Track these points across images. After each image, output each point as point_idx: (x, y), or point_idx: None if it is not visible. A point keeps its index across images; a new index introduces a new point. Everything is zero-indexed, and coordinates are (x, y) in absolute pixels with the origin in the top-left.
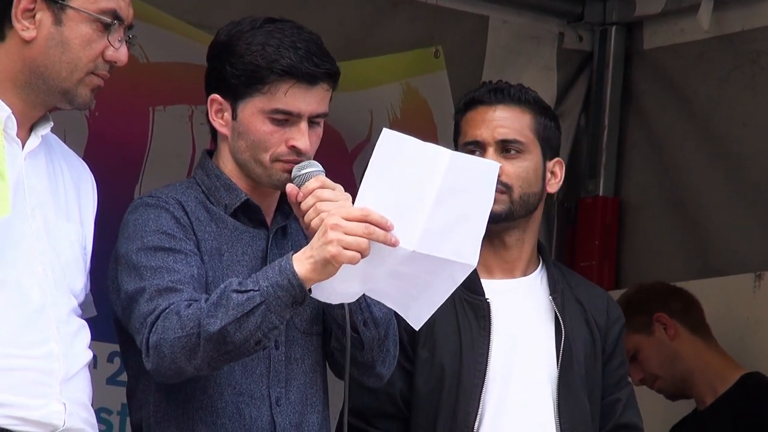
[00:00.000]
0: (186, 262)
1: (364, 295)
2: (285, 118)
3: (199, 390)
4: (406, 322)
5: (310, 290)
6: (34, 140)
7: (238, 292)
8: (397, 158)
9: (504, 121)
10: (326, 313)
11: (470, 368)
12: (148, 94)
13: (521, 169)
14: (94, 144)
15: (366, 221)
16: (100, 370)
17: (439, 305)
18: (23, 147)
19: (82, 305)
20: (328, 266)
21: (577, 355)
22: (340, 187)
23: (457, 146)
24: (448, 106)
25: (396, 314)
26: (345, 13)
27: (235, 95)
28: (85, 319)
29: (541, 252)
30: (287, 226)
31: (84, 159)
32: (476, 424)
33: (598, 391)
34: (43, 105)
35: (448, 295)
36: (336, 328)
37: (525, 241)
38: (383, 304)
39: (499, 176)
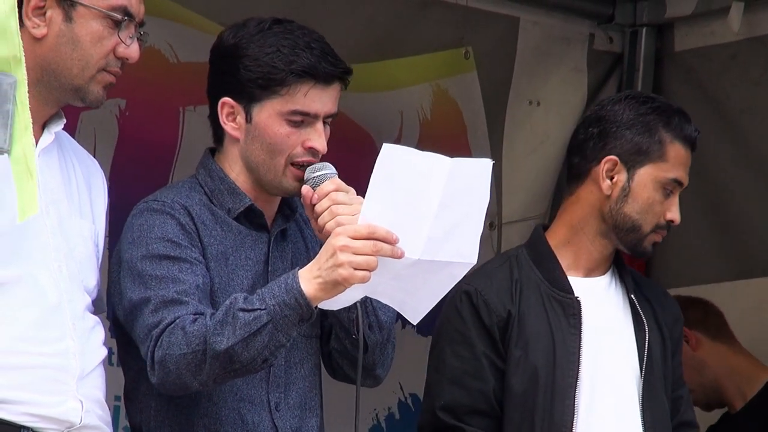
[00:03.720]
0: (191, 272)
1: (370, 299)
2: (301, 119)
3: (203, 396)
4: (499, 319)
5: (316, 307)
6: (47, 137)
7: (244, 311)
8: (400, 170)
9: None
10: (327, 315)
11: (563, 368)
12: (179, 94)
13: None
14: (124, 144)
15: (373, 238)
16: (117, 368)
17: (439, 299)
18: (36, 144)
19: (94, 302)
20: (338, 287)
21: (656, 355)
22: (353, 190)
23: (645, 156)
24: (478, 107)
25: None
26: (375, 14)
27: (249, 98)
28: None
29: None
30: (287, 229)
31: (114, 159)
32: (574, 424)
33: (669, 389)
34: (55, 102)
35: (447, 291)
36: (339, 329)
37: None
38: (388, 308)
39: (672, 222)
